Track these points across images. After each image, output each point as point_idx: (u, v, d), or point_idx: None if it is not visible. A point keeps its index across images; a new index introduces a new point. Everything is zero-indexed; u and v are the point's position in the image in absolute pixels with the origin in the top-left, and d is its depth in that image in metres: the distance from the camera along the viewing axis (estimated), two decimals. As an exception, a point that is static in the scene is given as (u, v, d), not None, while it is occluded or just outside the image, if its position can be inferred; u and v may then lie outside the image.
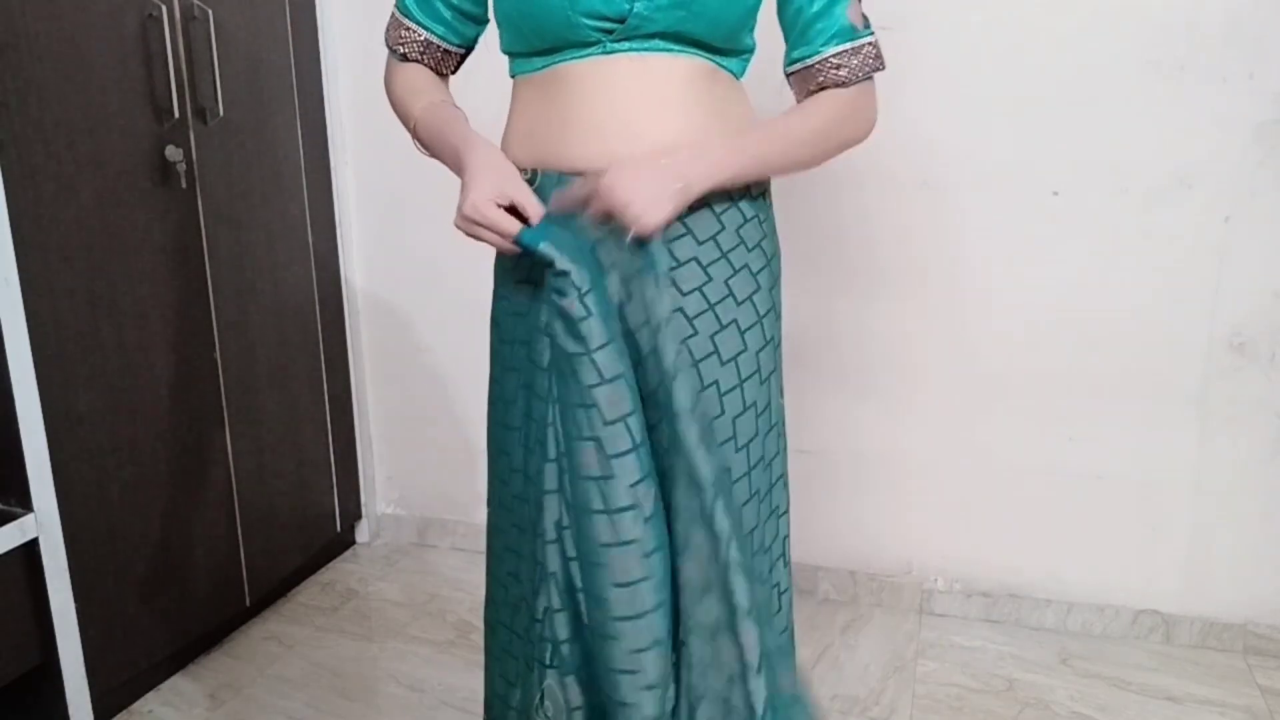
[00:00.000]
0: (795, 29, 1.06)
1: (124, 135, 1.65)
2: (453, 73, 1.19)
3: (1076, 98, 1.81)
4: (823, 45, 1.05)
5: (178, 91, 1.73)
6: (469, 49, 1.17)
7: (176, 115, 1.73)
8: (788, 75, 1.10)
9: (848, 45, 1.05)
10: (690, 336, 1.02)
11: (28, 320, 1.46)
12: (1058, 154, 1.84)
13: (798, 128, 1.06)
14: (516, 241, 0.98)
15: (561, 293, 0.97)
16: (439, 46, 1.14)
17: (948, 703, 1.79)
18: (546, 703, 1.05)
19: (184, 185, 1.78)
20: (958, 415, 2.01)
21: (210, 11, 1.80)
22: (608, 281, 0.99)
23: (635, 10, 0.96)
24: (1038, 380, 1.94)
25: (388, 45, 1.15)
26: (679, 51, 1.00)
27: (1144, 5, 1.74)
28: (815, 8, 1.04)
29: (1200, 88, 1.75)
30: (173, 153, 1.74)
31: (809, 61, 1.06)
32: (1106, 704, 1.77)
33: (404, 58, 1.14)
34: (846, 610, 2.12)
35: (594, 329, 0.96)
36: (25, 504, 1.49)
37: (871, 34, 1.07)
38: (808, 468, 2.10)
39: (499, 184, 0.98)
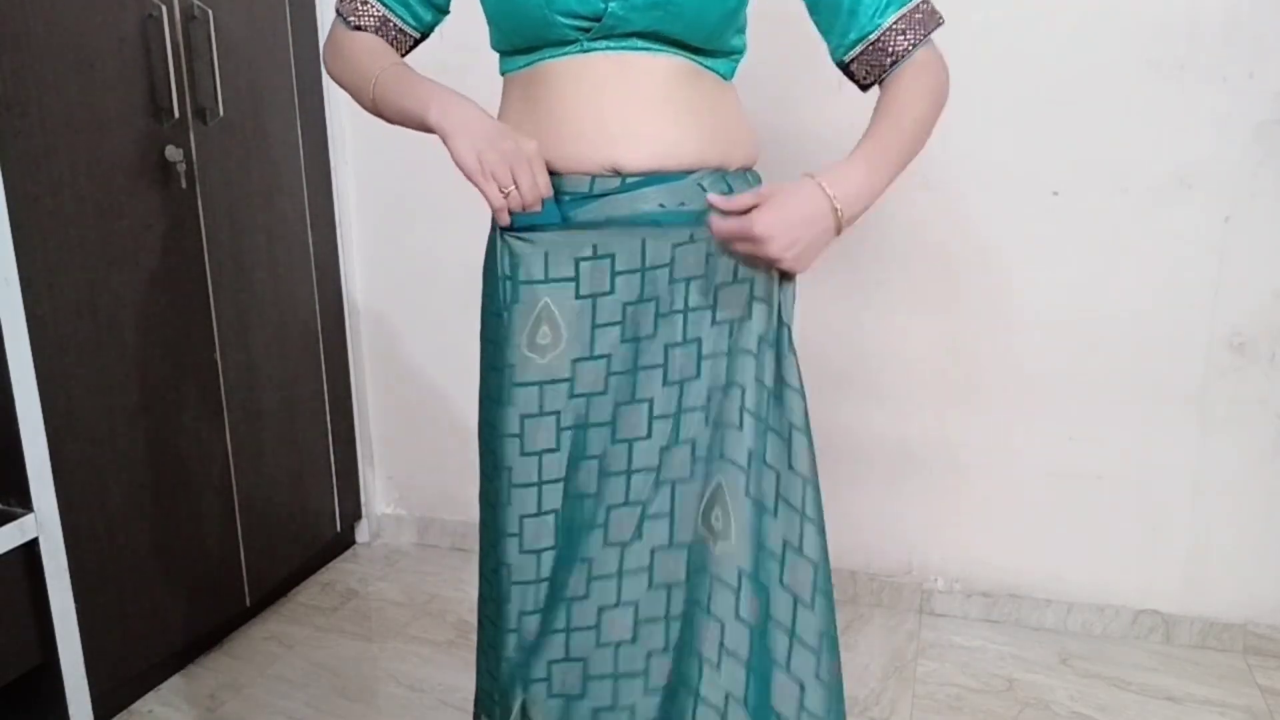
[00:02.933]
0: (840, 14, 1.03)
1: (124, 135, 1.65)
2: (402, 57, 1.15)
3: (1076, 98, 1.81)
4: (880, 16, 1.02)
5: (178, 91, 1.73)
6: (424, 35, 1.15)
7: (176, 115, 1.73)
8: (846, 65, 1.06)
9: (904, 9, 1.02)
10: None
11: (28, 320, 1.46)
12: (1058, 154, 1.84)
13: (907, 122, 1.02)
14: (544, 203, 0.97)
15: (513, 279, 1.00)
16: (396, 25, 1.11)
17: (948, 703, 1.79)
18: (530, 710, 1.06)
19: (184, 185, 1.78)
20: (957, 415, 2.01)
21: (210, 11, 1.80)
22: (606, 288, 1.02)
23: (610, 9, 0.96)
24: (1038, 380, 1.94)
25: (340, 14, 1.11)
26: (658, 51, 0.99)
27: (1144, 5, 1.74)
28: None
29: (1200, 88, 1.75)
30: (173, 153, 1.74)
31: (872, 37, 1.02)
32: (1106, 704, 1.77)
33: (357, 29, 1.11)
34: (846, 610, 2.12)
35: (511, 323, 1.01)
36: (25, 504, 1.49)
37: None
38: (808, 468, 2.10)
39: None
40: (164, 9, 1.69)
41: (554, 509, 1.03)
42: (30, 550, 1.50)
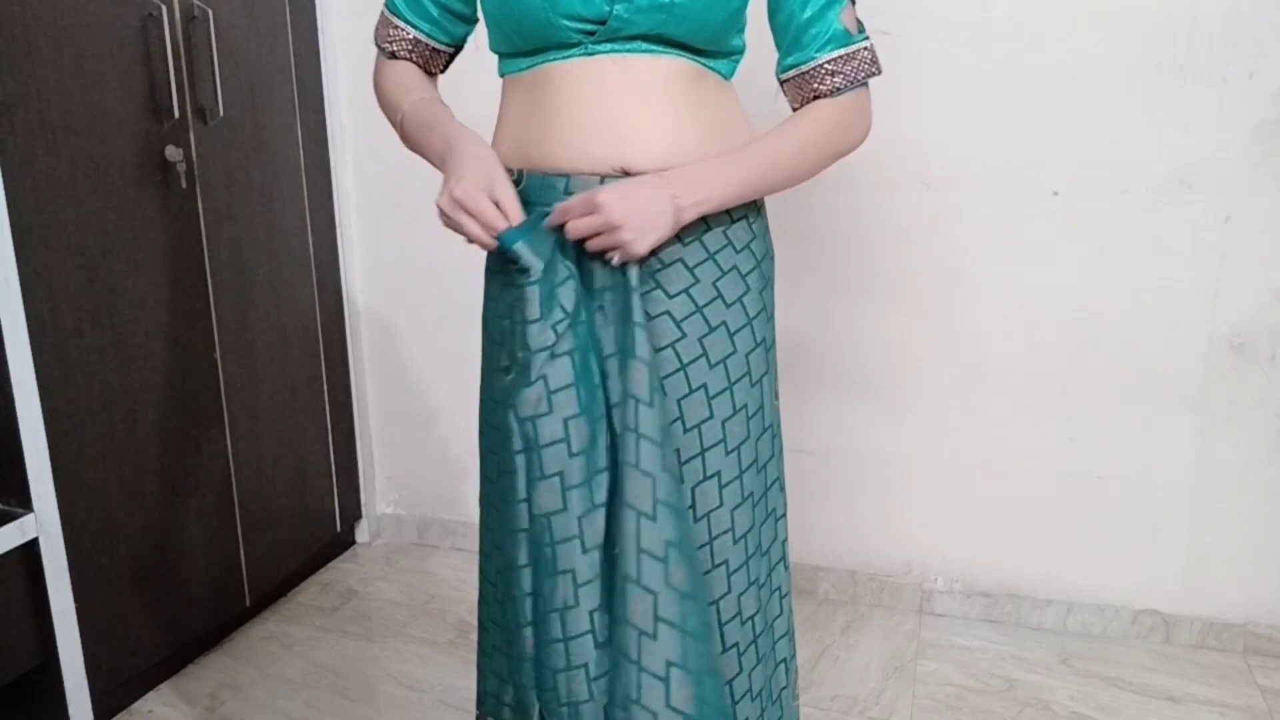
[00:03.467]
0: (788, 35, 1.06)
1: (124, 135, 1.65)
2: (441, 71, 1.19)
3: (1076, 98, 1.81)
4: (816, 51, 1.04)
5: (178, 91, 1.73)
6: (458, 48, 1.18)
7: (176, 115, 1.73)
8: (781, 82, 1.09)
9: (842, 51, 1.04)
10: (678, 340, 1.02)
11: (28, 320, 1.46)
12: (1058, 154, 1.84)
13: (791, 142, 1.05)
14: (497, 238, 0.98)
15: (522, 298, 0.98)
16: (427, 45, 1.14)
17: (948, 703, 1.79)
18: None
19: (184, 185, 1.78)
20: (957, 415, 2.01)
21: (210, 11, 1.80)
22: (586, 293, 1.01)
23: (615, 13, 0.96)
24: (1038, 380, 1.94)
25: (376, 44, 1.16)
26: (662, 53, 1.00)
27: (1144, 5, 1.74)
28: (808, 13, 1.03)
29: (1200, 88, 1.75)
30: (173, 153, 1.74)
31: (803, 68, 1.05)
32: (1106, 704, 1.77)
33: (393, 55, 1.15)
34: (846, 610, 2.12)
35: (543, 333, 0.98)
36: (25, 504, 1.49)
37: (866, 39, 1.06)
38: (807, 468, 2.10)
39: (490, 178, 0.98)
40: (164, 9, 1.69)
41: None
42: (30, 550, 1.50)
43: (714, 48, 1.03)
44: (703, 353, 1.03)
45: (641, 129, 1.00)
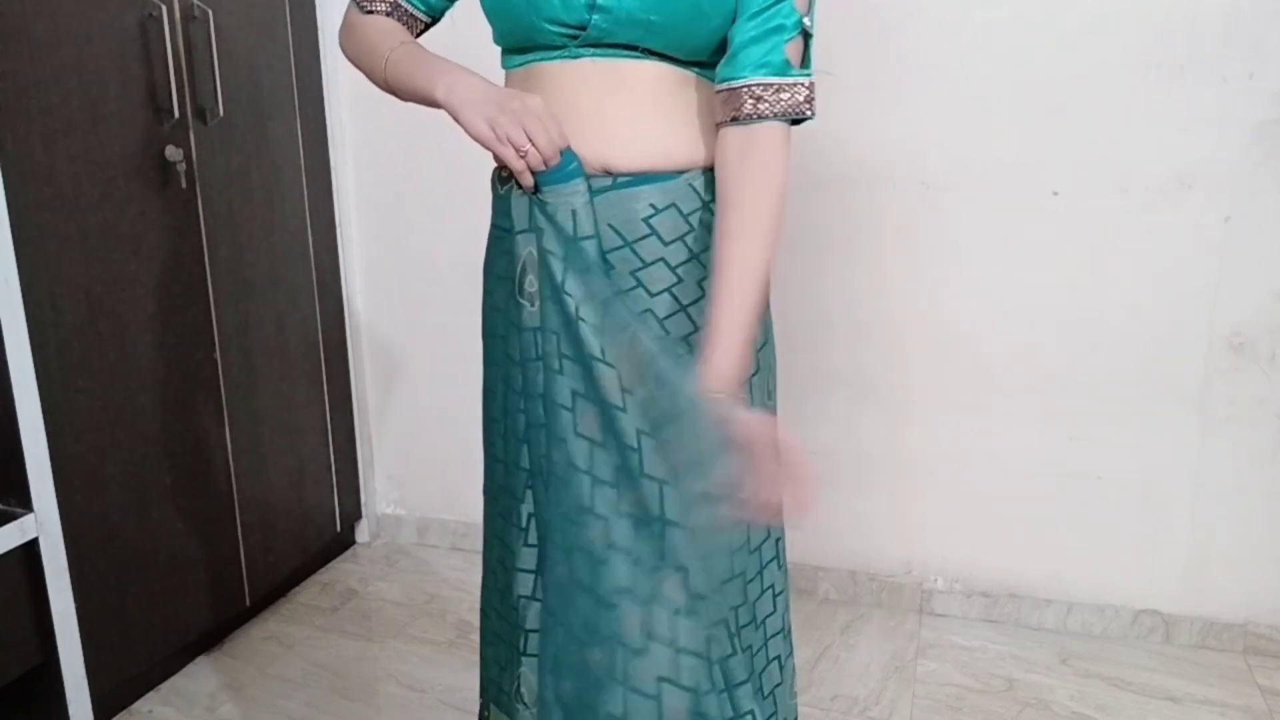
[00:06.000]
0: (730, 47, 1.01)
1: (124, 135, 1.65)
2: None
3: (1076, 98, 1.81)
4: (748, 72, 0.98)
5: (178, 91, 1.73)
6: (434, 20, 1.17)
7: (176, 115, 1.73)
8: (716, 93, 1.03)
9: (773, 79, 0.97)
10: (661, 339, 1.02)
11: (28, 320, 1.46)
12: (1058, 154, 1.84)
13: (746, 262, 0.99)
14: (562, 154, 0.97)
15: (553, 220, 0.99)
16: (407, 10, 1.13)
17: (948, 703, 1.79)
18: (522, 689, 1.06)
19: (184, 185, 1.78)
20: (958, 415, 2.01)
21: (210, 11, 1.80)
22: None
23: (594, 22, 0.97)
24: (1038, 380, 1.94)
25: (353, 1, 1.14)
26: (644, 58, 1.00)
27: (1144, 6, 1.74)
28: (751, 33, 0.98)
29: (1200, 88, 1.75)
30: (173, 153, 1.74)
31: (732, 84, 0.99)
32: (1106, 704, 1.77)
33: (369, 13, 1.13)
34: (846, 610, 2.12)
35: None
36: (25, 504, 1.49)
37: (807, 76, 0.99)
38: (808, 468, 2.10)
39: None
40: (164, 9, 1.69)
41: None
42: (30, 550, 1.50)
43: (698, 59, 1.03)
44: (689, 351, 1.03)
45: (625, 130, 1.00)
